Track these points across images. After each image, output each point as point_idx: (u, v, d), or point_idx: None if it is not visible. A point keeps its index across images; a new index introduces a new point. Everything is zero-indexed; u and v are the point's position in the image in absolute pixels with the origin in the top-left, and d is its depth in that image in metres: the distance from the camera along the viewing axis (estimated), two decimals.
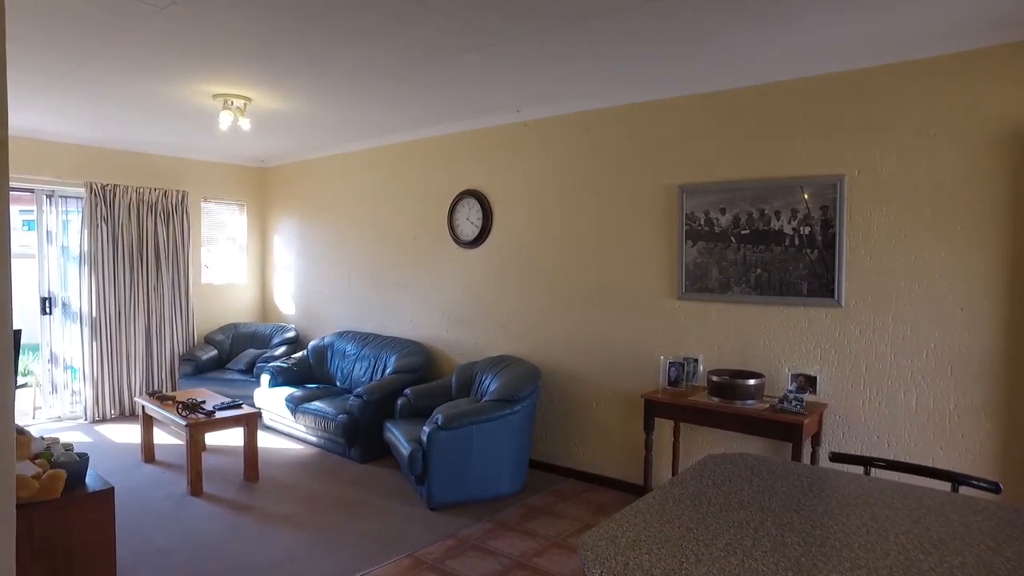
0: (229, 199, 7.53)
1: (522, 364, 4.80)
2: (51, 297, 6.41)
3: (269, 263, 7.74)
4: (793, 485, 1.73)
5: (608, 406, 4.66)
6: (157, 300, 6.76)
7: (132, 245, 6.57)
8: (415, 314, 5.98)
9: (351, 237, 6.61)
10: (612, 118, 4.57)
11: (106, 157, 6.50)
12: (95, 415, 6.44)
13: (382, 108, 4.95)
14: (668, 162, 4.31)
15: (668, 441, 4.28)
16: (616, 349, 4.59)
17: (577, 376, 4.81)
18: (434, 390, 5.11)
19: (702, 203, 4.14)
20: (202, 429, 4.53)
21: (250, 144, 6.59)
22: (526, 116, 5.03)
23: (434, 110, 5.01)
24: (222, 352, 7.00)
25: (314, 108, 4.94)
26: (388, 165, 6.18)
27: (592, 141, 4.69)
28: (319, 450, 5.51)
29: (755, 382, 3.67)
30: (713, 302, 4.13)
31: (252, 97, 4.63)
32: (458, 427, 4.19)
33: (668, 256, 4.32)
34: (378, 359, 5.85)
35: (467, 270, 5.51)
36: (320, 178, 6.97)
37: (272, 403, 5.88)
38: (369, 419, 5.14)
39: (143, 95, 4.58)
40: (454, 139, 5.57)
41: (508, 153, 5.20)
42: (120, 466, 5.06)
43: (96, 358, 6.41)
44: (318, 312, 7.07)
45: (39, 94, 4.57)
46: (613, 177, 4.58)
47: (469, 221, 5.44)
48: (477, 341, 5.46)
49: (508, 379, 4.57)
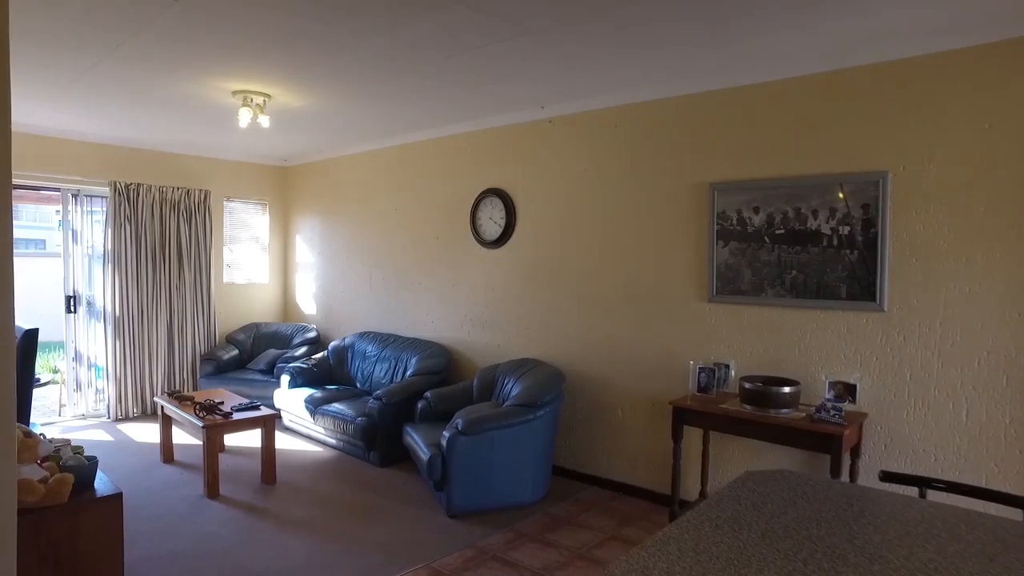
0: (251, 198, 7.50)
1: (545, 368, 4.65)
2: (76, 296, 6.42)
3: (291, 263, 7.69)
4: (843, 509, 1.57)
5: (634, 412, 4.49)
6: (179, 299, 6.74)
7: (155, 244, 6.56)
8: (437, 315, 5.86)
9: (373, 237, 6.53)
10: (641, 113, 4.41)
11: (130, 156, 6.50)
12: (118, 413, 6.43)
13: (403, 105, 4.84)
14: (699, 159, 4.13)
15: (697, 450, 4.10)
16: (643, 353, 4.42)
17: (602, 380, 4.65)
18: (455, 393, 4.99)
19: (734, 202, 3.96)
20: (219, 431, 4.45)
21: (272, 143, 6.54)
22: (551, 112, 4.88)
23: (457, 107, 4.89)
24: (243, 352, 6.95)
25: (334, 105, 4.85)
26: (410, 163, 6.08)
27: (619, 138, 4.53)
28: (338, 452, 5.42)
29: (790, 390, 3.48)
30: (745, 305, 3.94)
31: (271, 94, 4.55)
32: (479, 432, 4.06)
33: (698, 257, 4.14)
34: (399, 361, 5.75)
35: (490, 270, 5.38)
36: (342, 177, 6.90)
37: (292, 404, 5.81)
38: (388, 422, 5.03)
39: (163, 93, 4.53)
40: (477, 137, 5.44)
41: (532, 150, 5.06)
42: (139, 466, 5.02)
43: (119, 357, 6.40)
44: (339, 312, 6.99)
45: (61, 93, 4.54)
46: (641, 175, 4.42)
47: (492, 220, 5.31)
48: (500, 343, 5.33)
49: (531, 383, 4.42)
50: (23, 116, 5.35)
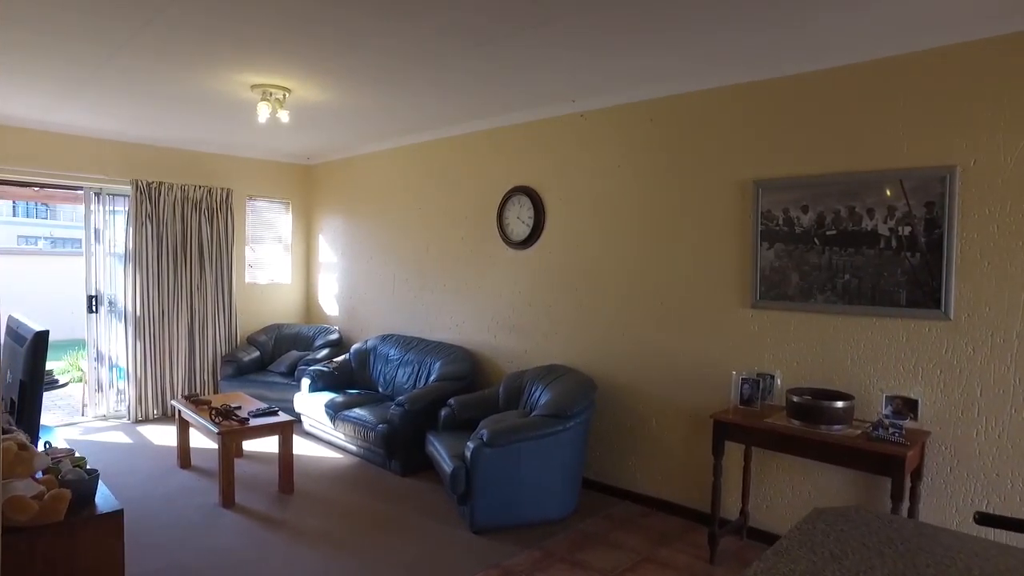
0: (274, 197, 7.37)
1: (576, 375, 4.41)
2: (98, 295, 6.34)
3: (314, 263, 7.54)
4: (942, 563, 1.31)
5: (670, 423, 4.23)
6: (200, 299, 6.62)
7: (176, 243, 6.44)
8: (462, 318, 5.65)
9: (396, 237, 6.34)
10: (678, 106, 4.15)
11: (152, 154, 6.39)
12: (138, 415, 6.33)
13: (428, 100, 4.63)
14: (741, 155, 3.86)
15: (738, 465, 3.82)
16: (679, 361, 4.16)
17: (635, 389, 4.40)
18: (480, 401, 4.77)
19: (781, 200, 3.68)
20: (235, 437, 4.29)
21: (295, 141, 6.39)
22: (582, 106, 4.64)
23: (484, 101, 4.67)
24: (264, 353, 6.82)
25: (356, 100, 4.66)
26: (435, 161, 5.88)
27: (656, 132, 4.27)
28: (358, 459, 5.23)
29: (843, 404, 3.19)
30: (792, 311, 3.66)
31: (291, 87, 4.37)
32: (505, 444, 3.83)
33: (741, 259, 3.87)
34: (422, 365, 5.54)
35: (517, 272, 5.15)
36: (365, 175, 6.72)
37: (312, 408, 5.64)
38: (410, 429, 4.83)
39: (180, 87, 4.37)
40: (505, 133, 5.22)
41: (562, 147, 4.82)
42: (155, 471, 4.88)
43: (139, 357, 6.30)
44: (362, 314, 6.82)
45: (80, 88, 4.41)
46: (679, 172, 4.15)
47: (520, 220, 5.08)
48: (527, 348, 5.09)
49: (560, 392, 4.18)
50: (45, 114, 5.26)
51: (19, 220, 23.88)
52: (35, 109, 5.15)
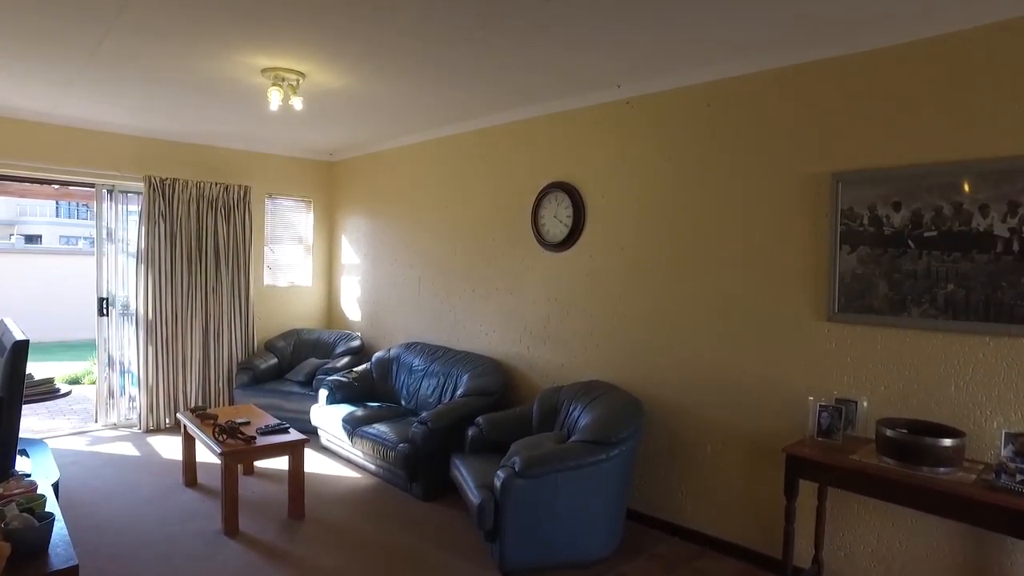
0: (295, 195, 6.99)
1: (619, 394, 3.90)
2: (109, 297, 6.01)
3: (336, 265, 7.14)
4: None
5: (728, 451, 3.70)
6: (216, 303, 6.26)
7: (191, 243, 6.09)
8: (492, 327, 5.18)
9: (423, 237, 5.89)
10: (739, 90, 3.62)
11: (166, 150, 6.06)
12: (149, 424, 5.98)
13: (455, 87, 4.18)
14: (816, 144, 3.32)
15: (810, 505, 3.28)
16: (739, 380, 3.63)
17: (688, 411, 3.87)
18: (511, 420, 4.29)
19: (866, 195, 3.13)
20: (239, 458, 3.88)
21: (315, 135, 6.00)
22: (628, 91, 4.13)
23: (517, 87, 4.20)
24: (283, 360, 6.43)
25: (376, 86, 4.23)
26: (463, 155, 5.42)
27: (713, 119, 3.75)
28: (377, 480, 4.79)
29: (952, 442, 2.64)
30: (880, 326, 3.11)
31: (305, 71, 3.95)
32: (539, 475, 3.34)
33: (815, 265, 3.33)
34: (448, 377, 5.08)
35: (554, 277, 4.67)
36: (390, 172, 6.30)
37: (329, 422, 5.22)
38: (434, 450, 4.37)
39: (184, 71, 3.98)
40: (541, 123, 4.74)
41: (605, 137, 4.32)
42: (157, 490, 4.50)
43: (151, 363, 5.96)
44: (385, 320, 6.39)
45: (79, 75, 4.04)
46: (741, 164, 3.63)
47: (557, 219, 4.59)
48: (563, 362, 4.60)
49: (603, 414, 3.69)
50: (54, 107, 4.93)
51: (62, 220, 24.25)
52: (42, 100, 4.82)
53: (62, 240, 22.97)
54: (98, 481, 4.68)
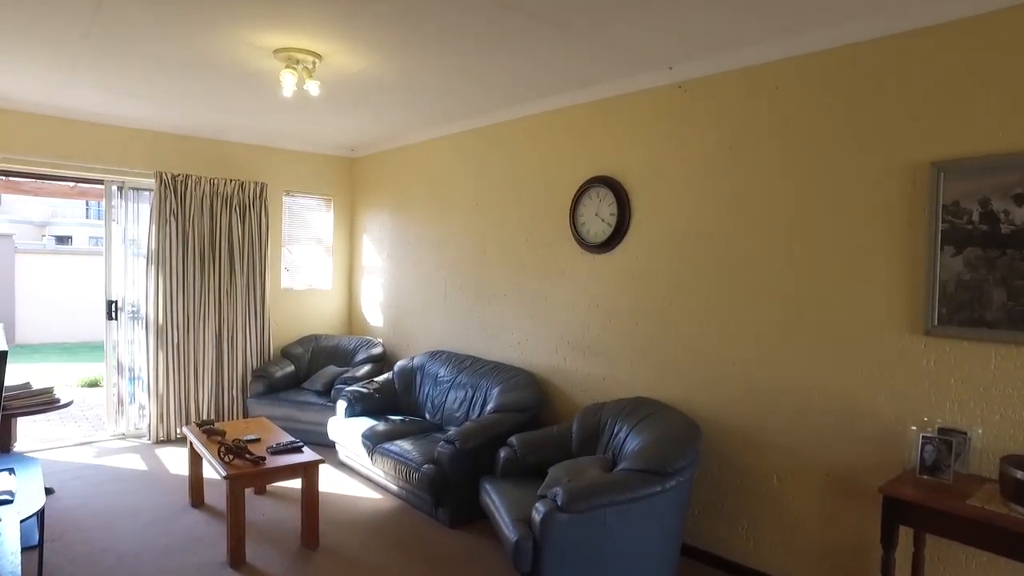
0: (314, 193, 6.62)
1: (671, 415, 3.45)
2: (118, 300, 5.68)
3: (357, 267, 6.76)
4: None
5: (798, 483, 3.22)
6: (230, 306, 5.90)
7: (204, 243, 5.74)
8: (525, 335, 4.74)
9: (449, 237, 5.48)
10: (814, 68, 3.15)
11: (178, 144, 5.72)
12: (159, 434, 5.64)
13: (486, 71, 3.76)
14: (913, 126, 2.84)
15: (904, 552, 2.79)
16: (815, 403, 3.15)
17: (751, 436, 3.41)
18: (548, 440, 3.85)
19: (977, 188, 2.65)
20: (246, 482, 3.49)
21: (336, 129, 5.62)
22: (681, 74, 3.68)
23: (556, 70, 3.77)
24: (300, 368, 6.06)
25: (400, 70, 3.82)
26: (495, 149, 5.00)
27: (781, 104, 3.28)
28: (399, 503, 4.37)
29: None
30: (995, 342, 2.62)
31: (321, 53, 3.56)
32: (586, 509, 2.90)
33: (908, 269, 2.85)
34: (476, 390, 4.66)
35: (595, 281, 4.22)
36: (415, 168, 5.90)
37: (347, 437, 4.82)
38: (462, 473, 3.95)
39: (188, 52, 3.61)
40: (582, 111, 4.30)
41: (654, 126, 3.87)
42: (162, 511, 4.14)
43: (161, 370, 5.62)
44: (409, 325, 5.99)
45: (76, 59, 3.69)
46: (815, 153, 3.16)
47: (599, 217, 4.15)
48: (605, 375, 4.15)
49: (655, 438, 3.24)
50: (56, 97, 4.60)
51: (91, 222, 24.33)
52: (46, 90, 4.49)
53: (91, 241, 23.03)
54: (100, 500, 4.33)
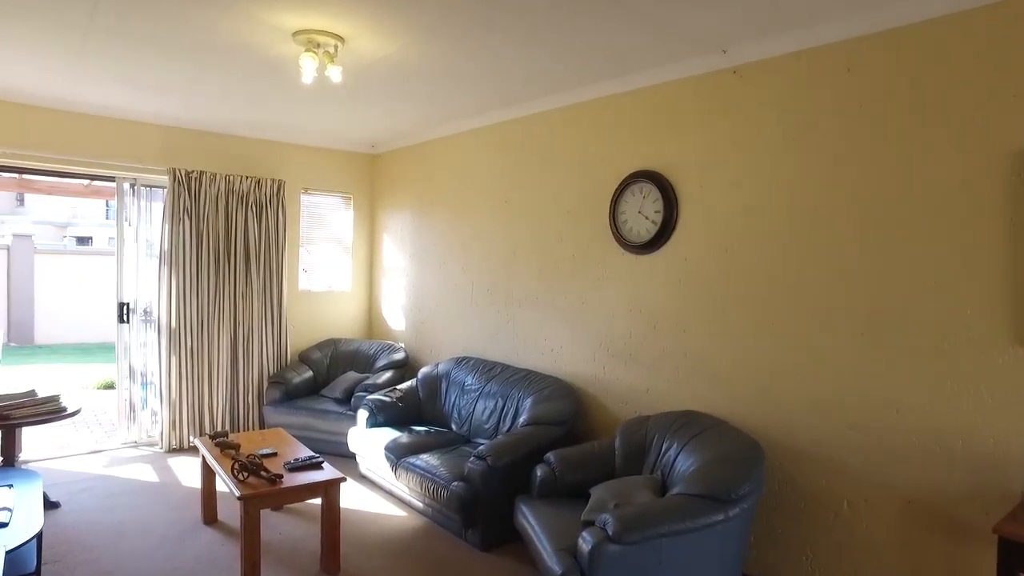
0: (334, 191, 6.35)
1: (728, 432, 3.13)
2: (130, 302, 5.44)
3: (377, 268, 6.48)
4: None
5: (875, 512, 2.88)
6: (245, 309, 5.64)
7: (218, 243, 5.49)
8: (559, 341, 4.43)
9: (477, 237, 5.18)
10: (896, 46, 2.81)
11: (192, 140, 5.48)
12: (171, 442, 5.40)
13: (518, 56, 3.45)
14: (1015, 110, 2.49)
15: None
16: (895, 421, 2.81)
17: (816, 456, 3.07)
18: (589, 457, 3.53)
19: None
20: (261, 503, 3.20)
21: (356, 124, 5.35)
22: (736, 57, 3.36)
23: (595, 54, 3.46)
24: (318, 374, 5.79)
25: (427, 55, 3.53)
26: (527, 143, 4.69)
27: (854, 88, 2.94)
28: (425, 521, 4.08)
29: None
30: None
31: (344, 35, 3.27)
32: (640, 540, 2.58)
33: (1012, 272, 2.50)
34: (507, 400, 4.36)
35: (637, 284, 3.90)
36: (440, 164, 5.60)
37: (369, 448, 4.53)
38: (495, 491, 3.64)
39: (200, 33, 3.33)
40: (623, 101, 3.98)
41: (705, 116, 3.55)
42: (172, 528, 3.87)
43: (174, 376, 5.37)
44: (433, 330, 5.70)
45: (83, 43, 3.43)
46: (895, 142, 2.82)
47: (642, 215, 3.83)
48: (648, 386, 3.83)
49: (713, 459, 2.92)
50: (65, 88, 4.35)
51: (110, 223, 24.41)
52: (55, 79, 4.25)
53: (111, 242, 23.05)
54: (109, 515, 4.08)
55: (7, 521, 2.83)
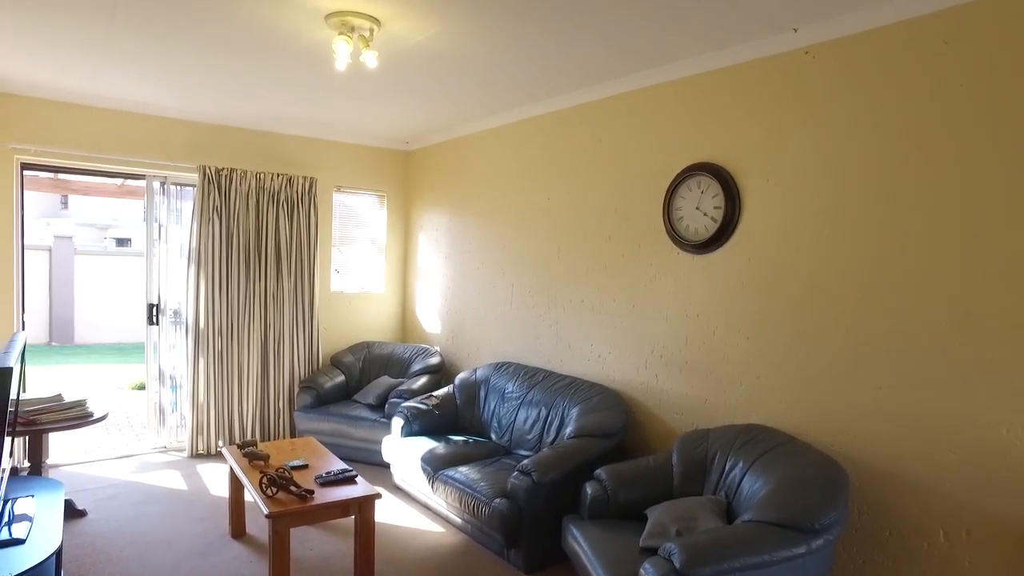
0: (367, 189, 6.14)
1: (802, 451, 2.81)
2: (159, 304, 5.29)
3: (412, 268, 6.26)
4: None
5: (979, 545, 2.54)
6: (276, 310, 5.45)
7: (248, 242, 5.31)
8: (606, 347, 4.14)
9: (517, 236, 4.91)
10: (1010, 10, 2.48)
11: (222, 136, 5.32)
12: (198, 447, 5.23)
13: (568, 39, 3.17)
14: None
15: None
16: (1006, 443, 2.47)
17: (905, 479, 2.74)
18: (643, 474, 3.23)
19: None
20: (291, 522, 2.96)
21: (390, 118, 5.13)
22: (809, 36, 3.04)
23: (644, 39, 3.16)
24: (350, 378, 5.58)
25: (467, 38, 3.27)
26: (572, 135, 4.41)
27: (952, 64, 2.61)
28: (464, 538, 3.82)
29: None
30: None
31: (380, 18, 3.03)
32: (711, 575, 2.29)
33: None
34: (552, 409, 4.08)
35: (694, 286, 3.60)
36: (479, 159, 5.35)
37: (404, 458, 4.29)
38: (540, 509, 3.37)
39: (227, 23, 3.12)
40: (679, 88, 3.68)
41: (773, 101, 3.23)
42: (199, 541, 3.68)
43: (202, 379, 5.21)
44: (469, 333, 5.45)
45: (108, 32, 3.25)
46: (1004, 123, 2.48)
47: (700, 211, 3.53)
48: (707, 396, 3.53)
49: (790, 482, 2.61)
50: (93, 82, 4.20)
51: None
52: (80, 74, 4.10)
53: None
54: (135, 524, 3.91)
55: (24, 537, 2.64)
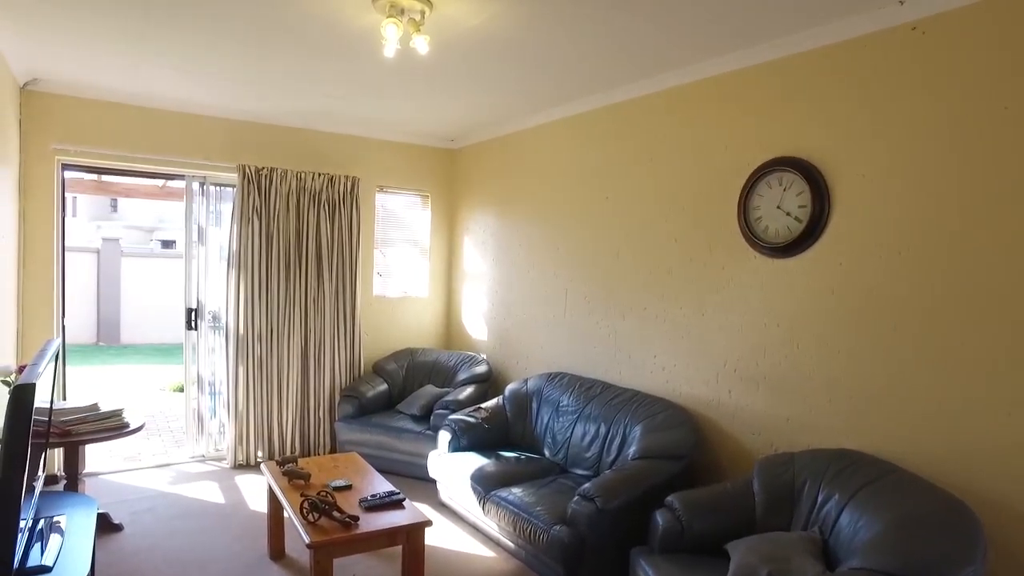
0: (410, 189, 5.90)
1: (912, 484, 2.46)
2: (199, 308, 5.13)
3: (457, 272, 6.00)
4: None
5: None
6: (317, 315, 5.24)
7: (289, 244, 5.11)
8: (671, 358, 3.81)
9: (571, 238, 4.60)
10: None
11: (262, 134, 5.14)
12: (238, 458, 5.04)
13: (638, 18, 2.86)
14: None
15: None
16: None
17: None
18: (721, 502, 2.89)
19: None
20: (334, 552, 2.70)
21: (436, 114, 4.87)
22: (917, 10, 2.67)
23: (715, 21, 2.83)
24: (393, 387, 5.34)
25: (526, 22, 2.98)
26: (634, 129, 4.09)
27: None
28: (519, 564, 3.52)
29: None
30: None
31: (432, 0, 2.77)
32: None
33: None
34: (612, 425, 3.77)
35: (773, 293, 3.25)
36: (528, 156, 5.06)
37: (451, 475, 4.02)
38: (604, 538, 3.06)
39: (265, 7, 2.89)
40: (755, 75, 3.34)
41: (871, 87, 2.87)
42: (237, 561, 3.46)
43: (241, 386, 5.02)
44: (519, 341, 5.15)
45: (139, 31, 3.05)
46: None
47: (782, 211, 3.17)
48: (788, 415, 3.17)
49: (907, 524, 2.25)
50: (131, 80, 4.03)
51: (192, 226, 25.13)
52: (116, 70, 3.94)
53: None
54: (170, 541, 3.71)
55: (52, 564, 2.43)
